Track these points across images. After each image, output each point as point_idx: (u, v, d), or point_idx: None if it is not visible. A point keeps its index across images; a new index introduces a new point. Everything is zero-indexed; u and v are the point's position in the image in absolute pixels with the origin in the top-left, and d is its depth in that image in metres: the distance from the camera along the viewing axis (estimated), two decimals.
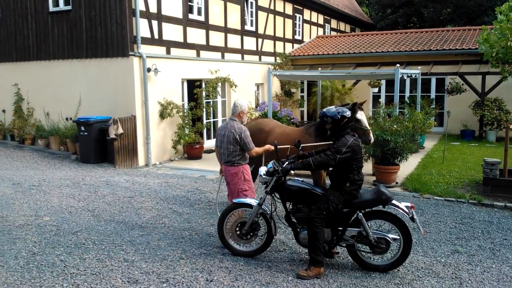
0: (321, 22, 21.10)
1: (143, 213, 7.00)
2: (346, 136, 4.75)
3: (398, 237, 4.82)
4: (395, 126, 8.73)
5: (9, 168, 10.31)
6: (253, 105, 15.08)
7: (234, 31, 14.39)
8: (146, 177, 9.61)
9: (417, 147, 10.40)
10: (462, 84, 14.95)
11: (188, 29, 12.30)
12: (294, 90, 17.22)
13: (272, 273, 4.86)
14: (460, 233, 6.17)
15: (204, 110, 12.48)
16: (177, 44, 11.94)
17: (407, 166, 9.98)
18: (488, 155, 10.64)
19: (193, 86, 12.49)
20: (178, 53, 11.97)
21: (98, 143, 10.81)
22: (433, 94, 16.52)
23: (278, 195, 5.18)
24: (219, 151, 5.75)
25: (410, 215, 4.75)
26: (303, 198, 4.99)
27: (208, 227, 6.34)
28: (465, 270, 5.01)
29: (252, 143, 5.57)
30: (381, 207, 4.90)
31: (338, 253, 5.30)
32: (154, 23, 11.17)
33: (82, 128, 10.73)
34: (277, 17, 16.95)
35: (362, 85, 16.53)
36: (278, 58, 16.95)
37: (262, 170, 5.15)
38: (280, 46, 17.29)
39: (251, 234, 5.23)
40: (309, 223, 4.75)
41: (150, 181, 9.18)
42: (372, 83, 14.92)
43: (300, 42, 18.97)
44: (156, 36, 11.24)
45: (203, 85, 12.85)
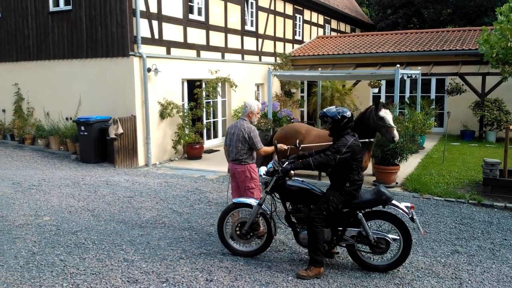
0: (321, 22, 21.10)
1: (143, 213, 7.00)
2: (346, 136, 4.76)
3: (398, 237, 4.82)
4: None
5: (9, 167, 10.31)
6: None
7: (234, 31, 14.39)
8: (146, 177, 9.61)
9: (417, 148, 10.39)
10: (462, 84, 14.94)
11: (188, 29, 12.30)
12: (294, 91, 17.23)
13: (272, 273, 4.86)
14: (460, 233, 6.17)
15: (204, 110, 12.49)
16: (177, 44, 11.94)
17: (407, 167, 9.99)
18: (488, 156, 10.64)
19: (193, 86, 12.49)
20: (178, 53, 11.97)
21: (98, 143, 10.81)
22: (433, 95, 16.52)
23: (278, 195, 5.18)
24: (228, 149, 5.80)
25: (410, 215, 4.75)
26: (303, 198, 4.99)
27: (208, 227, 6.34)
28: (465, 270, 5.01)
29: (260, 143, 5.61)
30: (381, 207, 4.90)
31: (338, 253, 5.31)
32: (155, 23, 11.17)
33: (82, 128, 10.73)
34: (277, 17, 16.95)
35: (362, 85, 16.53)
36: (278, 58, 16.95)
37: (262, 170, 5.16)
38: (280, 47, 17.29)
39: (251, 234, 5.24)
40: (309, 223, 4.75)
41: (150, 181, 9.18)
42: (372, 84, 14.92)
43: (300, 42, 18.98)
44: (156, 36, 11.25)
45: (203, 85, 12.86)
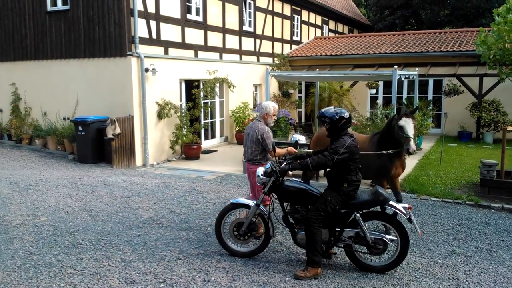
0: (319, 23, 21.11)
1: (141, 213, 6.99)
2: (344, 137, 4.77)
3: (396, 238, 4.83)
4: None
5: (6, 167, 10.28)
6: (251, 105, 15.09)
7: (232, 32, 14.39)
8: (144, 177, 9.59)
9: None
10: (460, 85, 14.98)
11: (186, 29, 12.29)
12: (292, 91, 17.24)
13: (269, 273, 4.86)
14: (457, 234, 6.19)
15: (202, 110, 12.49)
16: (175, 44, 11.93)
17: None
18: (485, 157, 10.67)
19: (191, 86, 12.48)
20: (176, 53, 11.96)
21: (95, 143, 10.79)
22: (430, 96, 16.54)
23: (276, 196, 5.18)
24: (244, 150, 5.96)
25: (408, 216, 4.76)
26: (301, 199, 4.99)
27: (205, 227, 6.34)
28: (462, 271, 5.02)
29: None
30: (378, 208, 4.91)
31: (335, 253, 5.31)
32: (152, 23, 11.16)
33: (80, 128, 10.71)
34: (275, 18, 16.96)
35: (360, 86, 16.56)
36: (276, 59, 16.95)
37: (260, 170, 5.16)
38: (278, 47, 17.30)
39: (249, 234, 5.23)
40: (306, 224, 4.76)
41: (148, 181, 9.17)
42: (369, 84, 14.95)
43: (298, 43, 18.99)
44: (154, 36, 11.23)
45: (201, 85, 12.85)
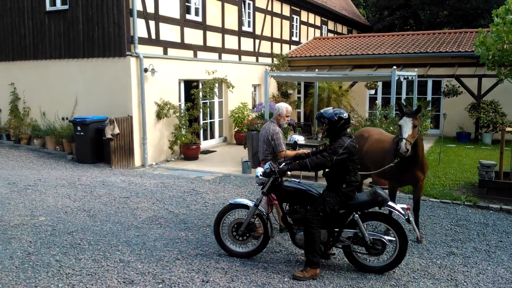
0: (318, 23, 21.13)
1: (139, 213, 6.99)
2: (343, 137, 4.77)
3: (394, 238, 4.83)
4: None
5: (4, 167, 10.27)
6: (250, 106, 15.09)
7: (232, 32, 14.39)
8: (142, 177, 9.59)
9: None
10: (459, 86, 15.00)
11: (185, 29, 12.29)
12: (291, 91, 17.25)
13: (268, 274, 4.86)
14: (455, 235, 6.19)
15: (201, 110, 12.48)
16: (174, 44, 11.93)
17: None
18: (483, 158, 10.69)
19: (190, 86, 12.47)
20: (175, 53, 11.96)
21: (94, 143, 10.78)
22: (429, 96, 16.56)
23: (274, 196, 5.18)
24: (258, 150, 6.11)
25: (406, 217, 4.77)
26: (300, 199, 4.99)
27: (204, 228, 6.33)
28: (460, 272, 5.02)
29: (282, 146, 5.74)
30: (377, 209, 4.91)
31: (334, 254, 5.31)
32: (152, 23, 11.15)
33: (79, 128, 10.70)
34: (274, 18, 16.96)
35: (359, 86, 16.56)
36: (275, 59, 16.96)
37: (259, 171, 5.16)
38: (277, 47, 17.31)
39: (248, 235, 5.23)
40: (305, 224, 4.76)
41: (146, 181, 9.16)
42: (368, 85, 14.95)
43: (297, 43, 19.00)
44: (153, 36, 11.23)
45: (200, 85, 12.84)
